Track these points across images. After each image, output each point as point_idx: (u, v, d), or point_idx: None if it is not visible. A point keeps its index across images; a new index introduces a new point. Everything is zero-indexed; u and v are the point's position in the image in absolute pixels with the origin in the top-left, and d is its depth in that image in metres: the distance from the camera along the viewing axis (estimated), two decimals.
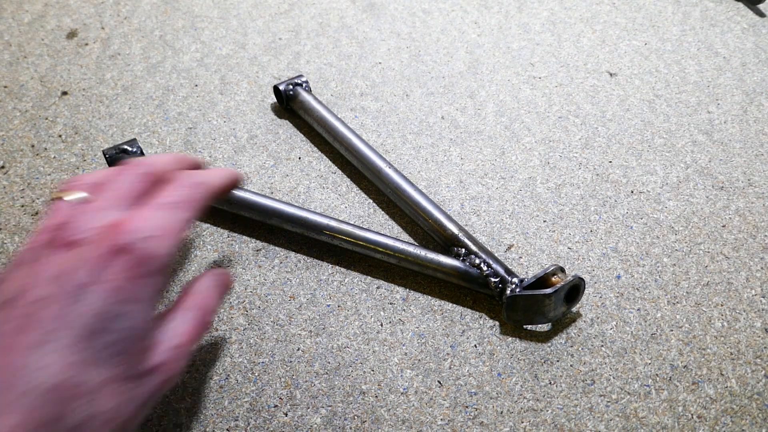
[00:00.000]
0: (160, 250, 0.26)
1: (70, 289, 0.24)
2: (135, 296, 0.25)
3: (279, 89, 0.48)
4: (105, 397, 0.24)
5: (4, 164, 0.46)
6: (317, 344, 0.37)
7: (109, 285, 0.24)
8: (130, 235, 0.26)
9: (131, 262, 0.25)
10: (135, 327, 0.25)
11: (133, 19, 0.58)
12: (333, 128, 0.46)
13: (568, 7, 0.62)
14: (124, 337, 0.25)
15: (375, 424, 0.34)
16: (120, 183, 0.30)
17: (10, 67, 0.53)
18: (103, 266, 0.25)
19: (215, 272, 0.34)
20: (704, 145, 0.50)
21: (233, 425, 0.34)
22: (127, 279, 0.25)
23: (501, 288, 0.37)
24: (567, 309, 0.38)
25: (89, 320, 0.24)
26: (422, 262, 0.38)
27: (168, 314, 0.30)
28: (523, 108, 0.52)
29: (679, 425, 0.34)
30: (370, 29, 0.58)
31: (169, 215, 0.28)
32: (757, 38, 0.60)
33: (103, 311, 0.24)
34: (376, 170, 0.43)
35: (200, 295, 0.32)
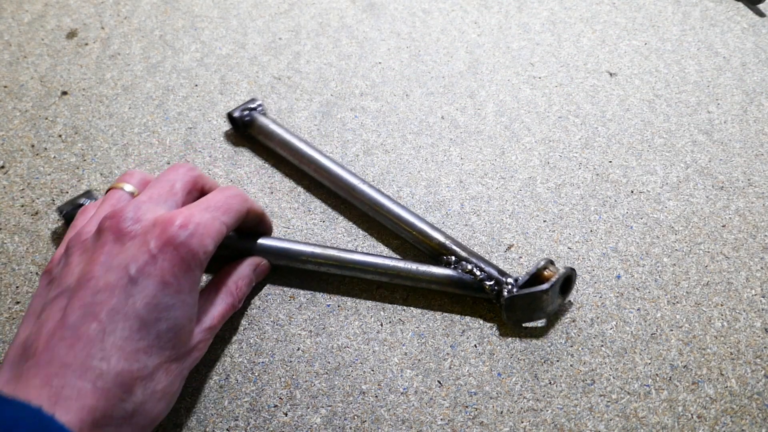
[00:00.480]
0: (203, 248, 0.28)
1: (127, 280, 0.26)
2: (182, 288, 0.27)
3: (234, 116, 0.46)
4: (159, 377, 0.27)
5: (4, 164, 0.46)
6: (317, 344, 0.37)
7: (159, 278, 0.27)
8: (178, 230, 0.28)
9: (178, 256, 0.27)
10: (182, 316, 0.28)
11: (133, 19, 0.58)
12: (298, 150, 0.44)
13: (568, 6, 0.62)
14: (174, 325, 0.27)
15: (375, 424, 0.34)
16: (167, 182, 0.32)
17: (10, 67, 0.53)
18: (154, 259, 0.27)
19: (253, 260, 0.36)
20: (704, 144, 0.50)
21: (233, 425, 0.34)
22: (175, 272, 0.27)
23: (497, 290, 0.37)
24: (563, 300, 0.38)
25: (145, 310, 0.26)
26: (415, 276, 0.38)
27: (204, 293, 0.33)
28: (523, 108, 0.52)
29: (679, 425, 0.34)
30: (370, 29, 0.58)
31: (212, 217, 0.30)
32: (757, 38, 0.60)
33: (155, 303, 0.26)
34: (350, 187, 0.42)
35: (235, 281, 0.34)
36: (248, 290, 0.36)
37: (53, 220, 0.42)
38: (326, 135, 0.49)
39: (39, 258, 0.40)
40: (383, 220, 0.41)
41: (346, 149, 0.48)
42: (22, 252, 0.40)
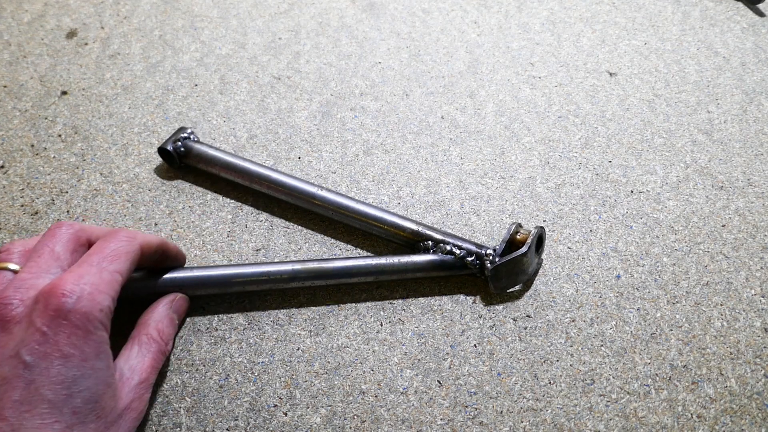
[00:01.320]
0: (97, 306, 0.27)
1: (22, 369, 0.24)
2: (87, 355, 0.26)
3: (167, 149, 0.43)
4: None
5: (4, 164, 0.46)
6: (317, 344, 0.37)
7: (57, 354, 0.25)
8: (64, 298, 0.26)
9: (73, 325, 0.26)
10: (97, 383, 0.26)
11: (132, 18, 0.58)
12: (246, 170, 0.43)
13: (568, 6, 0.62)
14: (91, 394, 0.26)
15: (375, 423, 0.34)
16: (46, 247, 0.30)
17: (10, 66, 0.53)
18: (46, 336, 0.25)
19: (168, 298, 0.35)
20: (704, 144, 0.50)
21: (233, 425, 0.34)
22: (74, 342, 0.25)
23: (480, 264, 0.38)
24: (539, 258, 0.40)
25: (52, 393, 0.24)
26: (399, 268, 0.38)
27: (126, 349, 0.31)
28: (523, 108, 0.52)
29: (679, 425, 0.34)
30: (370, 29, 0.58)
31: (100, 270, 0.28)
32: (756, 38, 0.60)
33: (62, 379, 0.25)
34: (310, 196, 0.41)
35: (155, 326, 0.33)
36: (173, 330, 0.34)
37: (53, 219, 0.42)
38: (326, 135, 0.49)
39: None
40: (351, 221, 0.41)
41: (346, 149, 0.48)
42: None
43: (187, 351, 0.36)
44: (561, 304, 0.39)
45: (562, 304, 0.39)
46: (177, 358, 0.36)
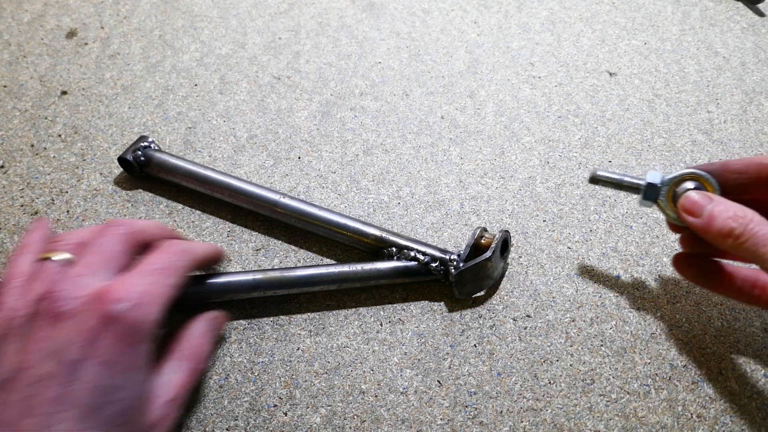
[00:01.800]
0: (148, 318, 0.26)
1: (66, 367, 0.24)
2: (129, 366, 0.26)
3: (127, 159, 0.43)
4: None
5: (4, 164, 0.46)
6: (317, 344, 0.37)
7: (102, 358, 0.25)
8: (117, 304, 0.26)
9: (120, 332, 0.25)
10: (132, 396, 0.26)
11: (132, 18, 0.58)
12: (208, 178, 0.42)
13: (568, 6, 0.62)
14: (125, 406, 0.25)
15: (374, 423, 0.34)
16: (103, 245, 0.30)
17: (10, 66, 0.53)
18: (94, 339, 0.25)
19: (208, 316, 0.34)
20: (704, 144, 0.50)
21: (233, 425, 0.34)
22: (119, 350, 0.25)
23: (444, 270, 0.38)
24: (504, 263, 0.40)
25: (89, 397, 0.24)
26: (362, 276, 0.38)
27: (161, 365, 0.30)
28: (523, 108, 0.52)
29: (679, 425, 0.34)
30: (370, 29, 0.58)
31: (155, 281, 0.28)
32: (756, 38, 0.60)
33: (101, 385, 0.24)
34: (273, 203, 0.41)
35: (192, 343, 0.32)
36: (210, 347, 0.34)
37: (53, 219, 0.42)
38: (326, 135, 0.49)
39: None
40: (314, 228, 0.41)
41: (346, 149, 0.48)
42: None
43: None
44: (561, 304, 0.39)
45: (562, 304, 0.39)
46: None
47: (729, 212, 0.30)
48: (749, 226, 0.29)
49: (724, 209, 0.30)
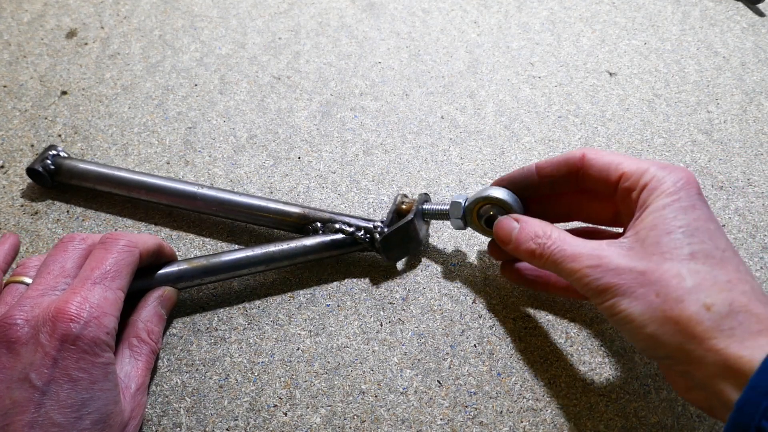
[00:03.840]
0: (103, 330, 0.27)
1: (32, 393, 0.25)
2: (95, 378, 0.26)
3: (35, 169, 0.42)
4: None
5: (4, 164, 0.46)
6: (317, 344, 0.37)
7: (68, 378, 0.25)
8: (70, 324, 0.26)
9: (80, 350, 0.26)
10: (106, 403, 0.27)
11: (132, 18, 0.58)
12: (122, 179, 0.41)
13: (568, 6, 0.62)
14: (101, 414, 0.26)
15: (374, 423, 0.34)
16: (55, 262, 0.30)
17: (10, 66, 0.53)
18: (55, 360, 0.25)
19: (156, 293, 0.34)
20: (704, 144, 0.50)
21: (233, 425, 0.34)
22: (82, 366, 0.26)
23: (370, 237, 0.39)
24: (427, 226, 0.41)
25: (63, 416, 0.25)
26: (289, 254, 0.38)
27: (118, 356, 0.30)
28: (523, 107, 0.52)
29: (679, 425, 0.34)
30: (370, 29, 0.58)
31: (104, 290, 0.28)
32: (756, 38, 0.60)
33: (72, 402, 0.25)
34: (191, 195, 0.40)
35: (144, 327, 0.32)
36: (162, 327, 0.34)
37: (53, 219, 0.42)
38: (326, 135, 0.49)
39: None
40: (237, 215, 0.40)
41: (346, 149, 0.48)
42: (22, 252, 0.40)
43: (187, 351, 0.36)
44: (560, 304, 0.39)
45: (561, 304, 0.39)
46: (177, 358, 0.36)
47: (531, 234, 0.32)
48: (547, 245, 0.31)
49: (526, 234, 0.32)
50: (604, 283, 0.28)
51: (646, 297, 0.26)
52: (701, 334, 0.25)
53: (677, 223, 0.27)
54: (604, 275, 0.28)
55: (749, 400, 0.22)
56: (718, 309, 0.25)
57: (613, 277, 0.27)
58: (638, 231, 0.28)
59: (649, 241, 0.28)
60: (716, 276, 0.26)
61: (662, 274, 0.26)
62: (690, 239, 0.27)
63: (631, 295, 0.27)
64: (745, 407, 0.22)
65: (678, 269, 0.26)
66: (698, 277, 0.26)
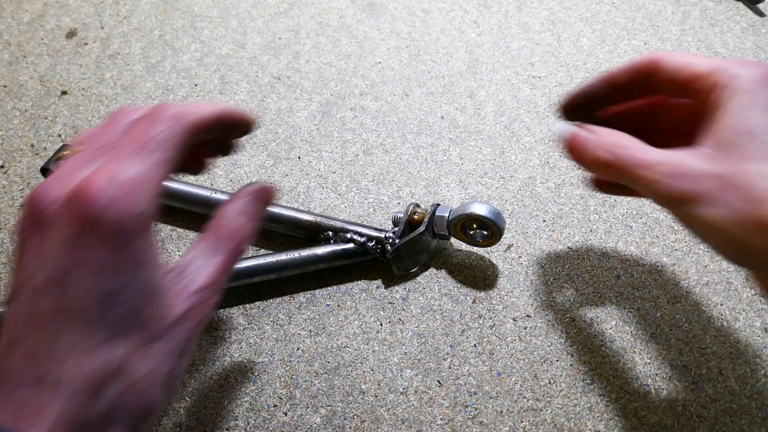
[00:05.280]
0: (133, 212, 0.23)
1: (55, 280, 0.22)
2: (123, 267, 0.23)
3: (50, 169, 0.41)
4: (137, 365, 0.23)
5: (4, 164, 0.46)
6: (317, 344, 0.37)
7: (91, 267, 0.22)
8: (95, 203, 0.22)
9: (104, 235, 0.22)
10: (136, 294, 0.23)
11: (132, 18, 0.58)
12: None
13: (568, 6, 0.62)
14: (130, 308, 0.23)
15: (374, 423, 0.34)
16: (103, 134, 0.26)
17: (10, 66, 0.53)
18: (76, 247, 0.22)
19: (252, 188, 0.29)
20: None
21: (233, 425, 0.34)
22: (108, 254, 0.22)
23: (381, 248, 0.39)
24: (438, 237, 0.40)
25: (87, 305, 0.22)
26: (301, 262, 0.38)
27: (193, 248, 0.27)
28: (523, 107, 0.52)
29: (679, 425, 0.34)
30: (370, 29, 0.58)
31: (140, 162, 0.24)
32: (756, 38, 0.60)
33: (97, 292, 0.22)
34: (205, 200, 0.41)
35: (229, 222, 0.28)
36: (253, 224, 0.29)
37: None
38: (326, 135, 0.49)
39: None
40: None
41: (346, 149, 0.48)
42: None
43: None
44: (561, 304, 0.39)
45: (562, 304, 0.39)
46: None
47: (604, 143, 0.29)
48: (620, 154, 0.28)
49: (598, 144, 0.30)
50: (680, 189, 0.26)
51: (729, 202, 0.24)
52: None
53: (757, 122, 0.25)
54: (681, 182, 0.26)
55: None
56: None
57: (691, 183, 0.25)
58: (714, 134, 0.26)
59: (728, 143, 0.25)
60: None
61: (744, 177, 0.24)
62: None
63: (711, 201, 0.25)
64: None
65: (761, 169, 0.24)
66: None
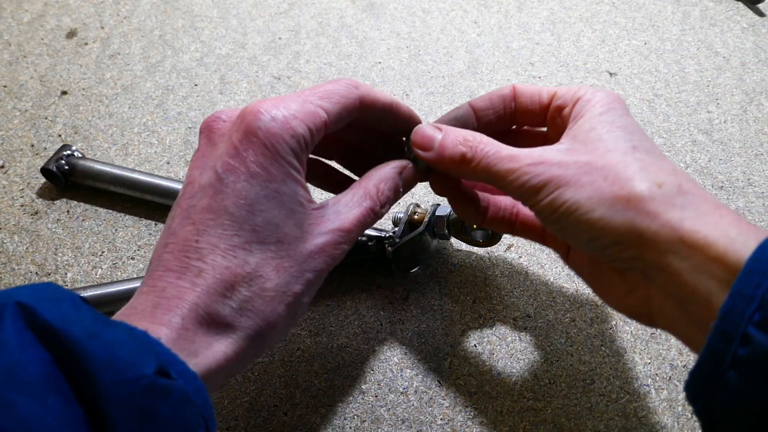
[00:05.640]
0: (288, 131, 0.26)
1: (215, 180, 0.25)
2: (272, 177, 0.26)
3: (50, 169, 0.42)
4: (268, 274, 0.25)
5: (4, 164, 0.46)
6: (317, 344, 0.37)
7: (247, 170, 0.25)
8: (257, 116, 0.26)
9: (262, 144, 0.26)
10: (278, 206, 0.26)
11: (132, 18, 0.58)
12: (137, 182, 0.42)
13: (568, 6, 0.62)
14: (271, 218, 0.26)
15: (375, 423, 0.34)
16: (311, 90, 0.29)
17: (10, 66, 0.53)
18: (236, 152, 0.26)
19: (399, 164, 0.31)
20: (704, 144, 0.50)
21: (233, 425, 0.34)
22: (259, 161, 0.26)
23: (381, 248, 0.39)
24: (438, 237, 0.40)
25: (234, 207, 0.25)
26: None
27: (340, 195, 0.29)
28: None
29: (679, 425, 0.34)
30: (370, 29, 0.58)
31: (304, 101, 0.27)
32: (756, 38, 0.60)
33: (244, 196, 0.25)
34: None
35: (374, 182, 0.30)
36: (393, 196, 0.31)
37: (53, 219, 0.42)
38: None
39: (39, 258, 0.40)
40: None
41: None
42: (22, 252, 0.40)
43: None
44: (561, 304, 0.39)
45: (562, 304, 0.39)
46: None
47: (458, 138, 0.29)
48: (479, 147, 0.29)
49: (452, 139, 0.30)
50: (546, 177, 0.26)
51: (593, 182, 0.25)
52: (654, 209, 0.24)
53: (616, 123, 0.28)
54: (547, 170, 0.26)
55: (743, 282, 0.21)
56: (669, 188, 0.24)
57: (557, 170, 0.26)
58: (576, 134, 0.28)
59: (590, 140, 0.27)
60: (661, 164, 0.26)
61: (607, 162, 0.26)
62: (630, 136, 0.27)
63: (576, 183, 0.26)
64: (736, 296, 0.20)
65: (622, 157, 0.26)
66: (644, 163, 0.25)
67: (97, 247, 0.41)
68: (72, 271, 0.40)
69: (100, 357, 0.19)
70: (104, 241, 0.41)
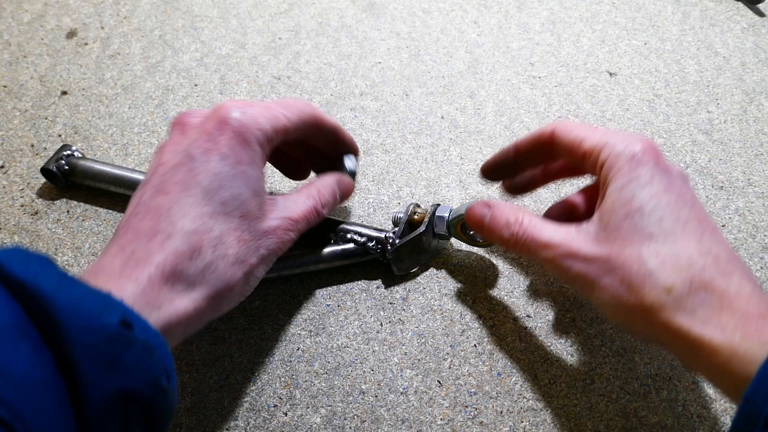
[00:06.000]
0: (255, 125, 0.30)
1: (191, 158, 0.29)
2: (240, 159, 0.30)
3: (49, 169, 0.42)
4: (230, 242, 0.29)
5: (4, 164, 0.46)
6: (317, 344, 0.37)
7: (217, 151, 0.29)
8: (232, 111, 0.30)
9: (233, 132, 0.30)
10: (245, 185, 0.30)
11: (132, 18, 0.58)
12: (139, 182, 0.42)
13: (568, 6, 0.62)
14: (237, 194, 0.29)
15: (375, 423, 0.34)
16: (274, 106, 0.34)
17: (10, 66, 0.53)
18: (210, 137, 0.30)
19: (337, 176, 0.37)
20: (704, 144, 0.50)
21: (233, 425, 0.34)
22: (231, 144, 0.30)
23: (381, 248, 0.39)
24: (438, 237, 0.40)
25: (206, 181, 0.29)
26: (302, 262, 0.38)
27: (290, 193, 0.34)
28: (523, 108, 0.52)
29: (679, 425, 0.34)
30: (370, 29, 0.58)
31: (267, 107, 0.32)
32: (756, 38, 0.60)
33: (216, 172, 0.29)
34: None
35: (319, 187, 0.35)
36: (332, 201, 0.36)
37: (53, 219, 0.42)
38: None
39: None
40: None
41: None
42: None
43: (187, 351, 0.36)
44: (561, 304, 0.39)
45: (562, 304, 0.39)
46: (177, 358, 0.36)
47: (502, 221, 0.33)
48: (519, 234, 0.32)
49: (497, 222, 0.33)
50: (574, 272, 0.29)
51: (612, 285, 0.28)
52: (664, 318, 0.26)
53: (635, 203, 0.28)
54: (575, 264, 0.29)
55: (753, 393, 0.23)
56: (679, 290, 0.26)
57: (584, 266, 0.29)
58: (602, 215, 0.30)
59: (612, 226, 0.29)
60: (677, 254, 0.27)
61: (625, 260, 0.27)
62: (648, 219, 0.28)
63: (599, 284, 0.28)
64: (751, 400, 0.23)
65: (639, 253, 0.27)
66: (659, 259, 0.27)
67: (97, 247, 0.41)
68: (72, 271, 0.40)
69: (67, 307, 0.21)
70: (104, 241, 0.41)
